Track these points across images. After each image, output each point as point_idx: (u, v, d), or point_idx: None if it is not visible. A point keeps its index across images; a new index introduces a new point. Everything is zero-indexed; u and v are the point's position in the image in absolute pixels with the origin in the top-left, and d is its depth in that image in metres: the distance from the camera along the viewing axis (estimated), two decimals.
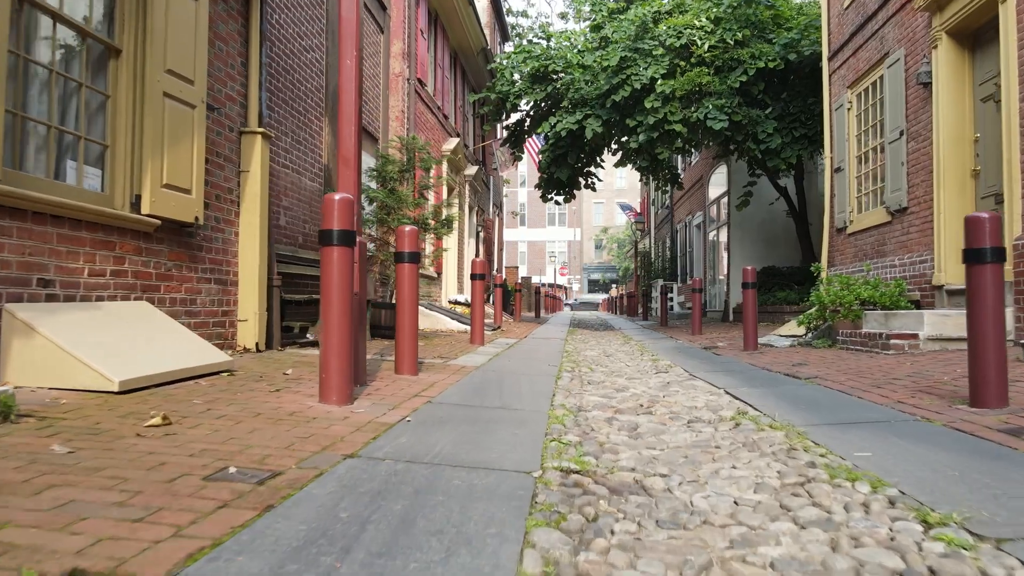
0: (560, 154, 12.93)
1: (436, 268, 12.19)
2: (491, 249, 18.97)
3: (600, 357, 7.40)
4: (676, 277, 23.80)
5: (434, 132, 12.35)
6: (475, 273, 7.70)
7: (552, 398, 4.03)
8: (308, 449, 2.33)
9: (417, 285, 4.53)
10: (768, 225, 16.11)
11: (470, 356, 6.31)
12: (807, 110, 11.61)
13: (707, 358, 7.06)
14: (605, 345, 9.57)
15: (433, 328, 10.58)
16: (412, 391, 3.82)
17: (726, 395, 4.33)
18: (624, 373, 5.74)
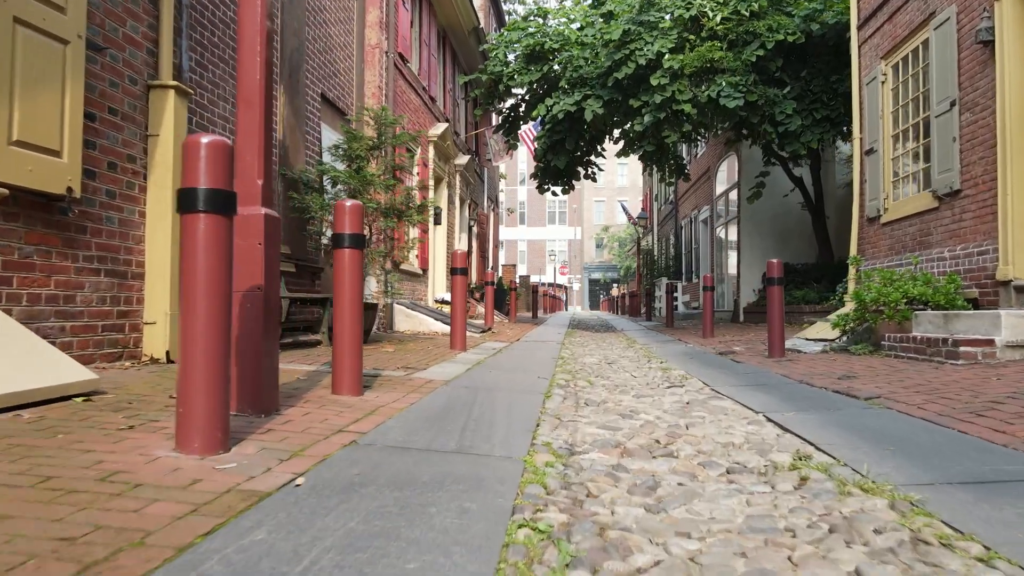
0: (557, 140, 11.84)
1: (421, 264, 11.13)
2: (485, 245, 17.89)
3: (600, 365, 6.32)
4: (681, 275, 22.72)
5: (419, 114, 11.27)
6: (456, 267, 6.63)
7: (534, 431, 2.94)
8: (52, 572, 1.25)
9: (361, 276, 3.45)
10: (781, 219, 15.02)
11: (443, 366, 5.23)
12: (829, 89, 10.53)
13: (727, 367, 5.97)
14: (606, 349, 8.49)
15: (414, 330, 9.50)
16: (338, 423, 2.74)
17: (768, 423, 3.25)
18: (630, 388, 4.65)
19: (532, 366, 5.77)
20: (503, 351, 7.19)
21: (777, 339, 6.45)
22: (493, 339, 9.05)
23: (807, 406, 3.62)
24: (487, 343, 8.17)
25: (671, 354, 7.70)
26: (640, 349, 8.60)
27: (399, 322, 9.48)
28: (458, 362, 5.59)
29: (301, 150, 6.78)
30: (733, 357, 6.90)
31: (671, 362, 6.67)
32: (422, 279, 11.43)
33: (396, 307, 9.54)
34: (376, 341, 7.21)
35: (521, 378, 4.81)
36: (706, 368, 5.92)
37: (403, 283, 10.19)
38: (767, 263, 6.57)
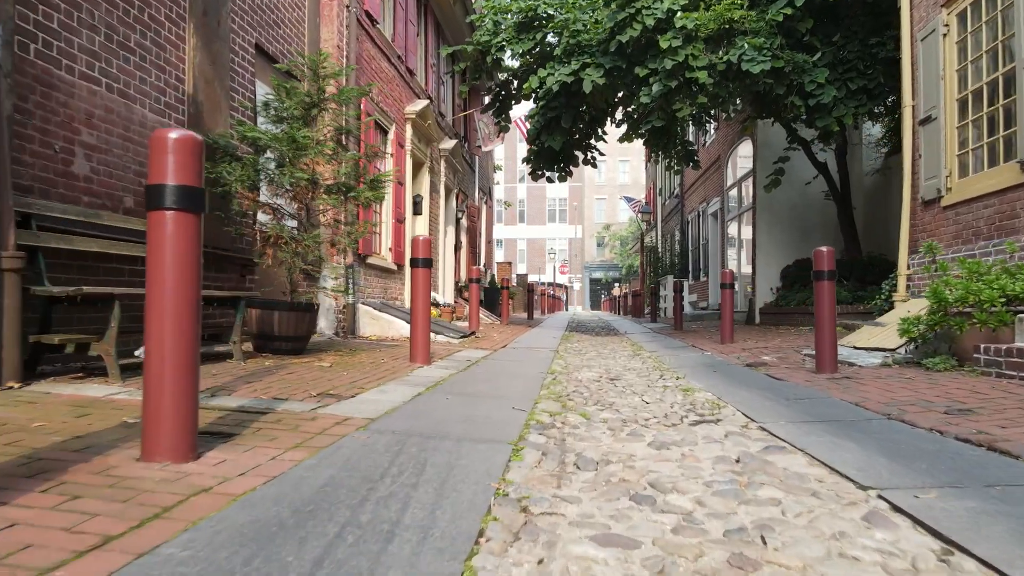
0: (552, 118, 10.40)
1: (395, 258, 9.70)
2: (476, 240, 16.45)
3: (601, 384, 4.88)
4: (687, 273, 21.29)
5: (393, 86, 9.83)
6: (416, 258, 5.19)
7: (467, 561, 1.50)
8: None
9: (195, 265, 2.02)
10: (802, 210, 13.58)
11: (386, 389, 3.80)
12: (867, 55, 9.08)
13: (767, 386, 4.53)
14: (608, 359, 7.06)
15: (382, 335, 8.07)
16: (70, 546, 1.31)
17: (896, 514, 1.81)
18: (643, 425, 3.22)
19: (510, 387, 4.33)
20: (480, 363, 5.76)
21: (829, 349, 5.01)
22: (474, 346, 7.62)
23: (934, 470, 2.18)
24: (464, 352, 6.73)
25: (687, 365, 6.27)
26: (649, 358, 7.17)
27: (364, 325, 8.06)
28: (409, 382, 4.16)
29: (223, 110, 5.36)
30: (767, 371, 5.47)
31: (691, 378, 5.23)
32: (397, 276, 10.00)
33: (362, 308, 8.11)
34: (317, 351, 5.77)
35: (487, 410, 3.37)
36: (739, 388, 4.49)
37: (372, 280, 8.77)
38: (815, 252, 5.14)
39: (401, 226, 9.99)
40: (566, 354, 7.54)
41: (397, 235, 9.84)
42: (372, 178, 5.34)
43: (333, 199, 5.02)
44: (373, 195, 5.22)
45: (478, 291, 9.64)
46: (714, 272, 17.91)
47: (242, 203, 4.87)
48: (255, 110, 5.43)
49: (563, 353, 7.65)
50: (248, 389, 3.53)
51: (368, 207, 5.38)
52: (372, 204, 5.28)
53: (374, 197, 5.23)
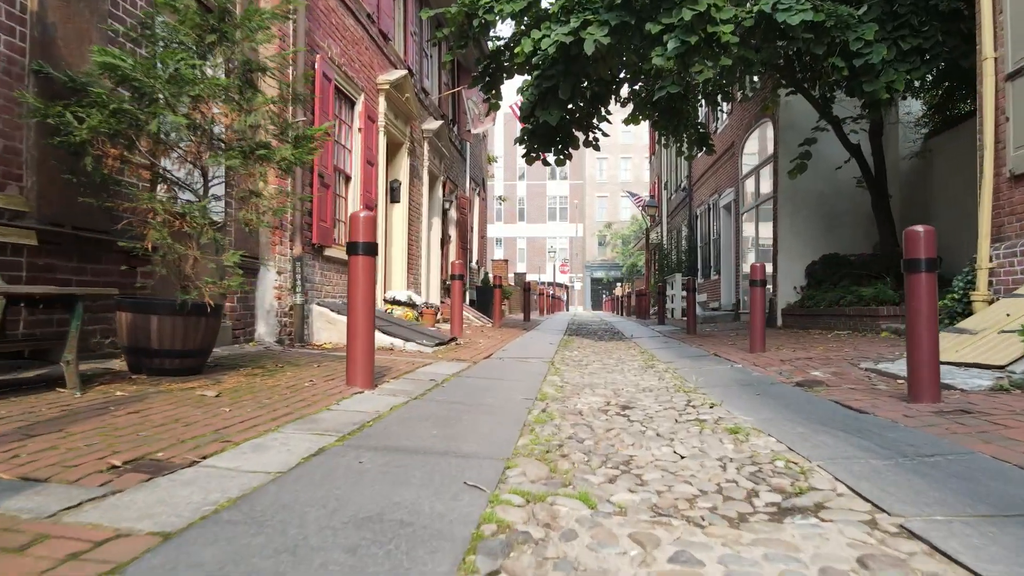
0: (548, 88, 8.96)
1: None
2: (466, 234, 14.99)
3: (609, 417, 3.45)
4: (696, 271, 19.85)
5: (361, 49, 8.38)
6: (356, 242, 3.76)
7: None
8: None
9: None
10: (830, 199, 12.14)
11: (266, 443, 2.37)
12: (922, 8, 7.64)
13: (856, 428, 3.09)
14: (615, 373, 5.62)
15: (340, 342, 6.64)
16: None
17: None
18: (687, 514, 1.77)
19: (474, 431, 2.89)
20: (447, 384, 4.32)
21: (929, 369, 3.57)
22: (451, 356, 6.19)
23: None
24: (433, 366, 5.29)
25: (718, 384, 4.84)
26: (666, 372, 5.73)
27: (319, 331, 6.63)
28: (320, 426, 2.72)
29: (93, 39, 3.92)
30: (831, 395, 4.05)
31: (732, 406, 3.80)
32: None
33: (316, 310, 6.68)
34: (228, 368, 4.34)
35: (415, 496, 1.93)
36: (811, 428, 3.06)
37: (332, 276, 7.34)
38: (907, 234, 3.72)
39: (370, 211, 8.54)
40: (563, 367, 6.10)
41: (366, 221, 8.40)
42: (296, 133, 3.89)
43: (233, 158, 3.56)
44: (295, 156, 3.76)
45: (461, 290, 8.20)
46: (727, 269, 16.47)
47: (104, 162, 3.44)
48: (140, 38, 3.96)
49: (559, 366, 6.21)
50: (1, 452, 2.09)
51: (293, 172, 3.93)
52: (296, 167, 3.84)
53: (296, 159, 3.78)
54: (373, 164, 8.61)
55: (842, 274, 11.16)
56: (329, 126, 5.97)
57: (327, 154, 7.08)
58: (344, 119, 8.06)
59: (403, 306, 8.38)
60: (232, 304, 5.54)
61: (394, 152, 10.15)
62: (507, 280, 21.33)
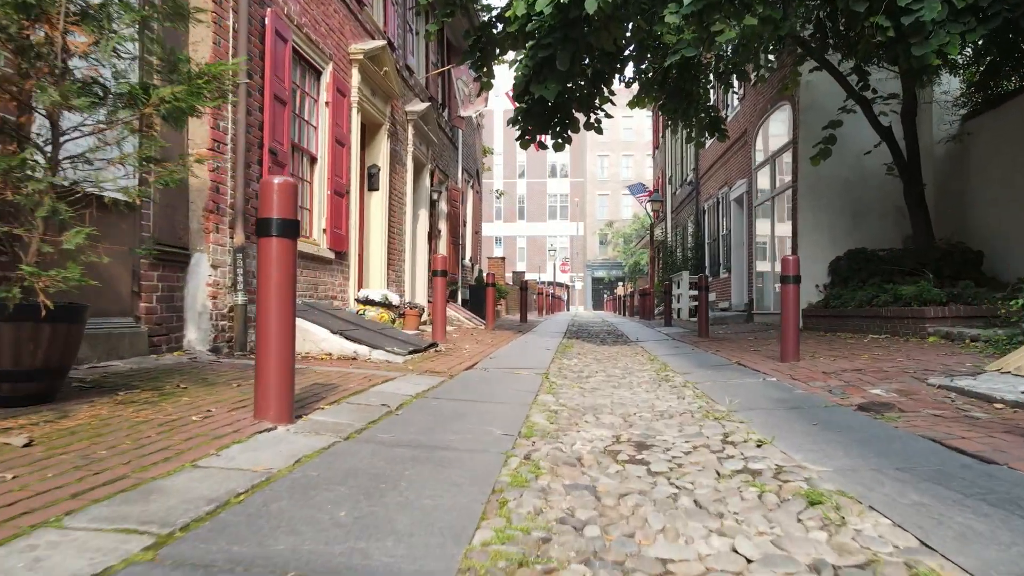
0: (544, 58, 7.89)
1: (333, 242, 7.15)
2: (457, 228, 13.89)
3: (621, 468, 2.38)
4: (703, 270, 18.76)
5: (328, 11, 7.27)
6: (268, 218, 2.68)
7: None
8: None
9: None
10: (855, 189, 11.07)
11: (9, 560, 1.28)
12: None
13: (1004, 496, 2.00)
14: (622, 389, 4.54)
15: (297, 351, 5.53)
16: None
17: None
18: None
19: (409, 511, 1.81)
20: (398, 412, 3.25)
21: None
22: (424, 368, 5.12)
23: None
24: (395, 383, 4.22)
25: (757, 406, 3.78)
26: (686, 388, 4.65)
27: None
28: (128, 516, 1.65)
29: None
30: (912, 425, 3.03)
31: (793, 448, 2.75)
32: (335, 267, 7.47)
33: None
34: (108, 390, 3.27)
35: None
36: (934, 495, 2.00)
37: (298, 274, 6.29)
38: None
39: (342, 201, 7.47)
40: (560, 381, 5.02)
41: (336, 213, 7.32)
42: (189, 71, 2.81)
43: (79, 96, 2.48)
44: (178, 97, 2.67)
45: (444, 288, 7.12)
46: (738, 267, 15.39)
47: None
48: None
49: (556, 379, 5.13)
50: None
51: (182, 123, 2.86)
52: (184, 119, 2.78)
53: (182, 102, 2.69)
54: (344, 144, 7.53)
55: (870, 271, 10.09)
56: (242, 61, 4.87)
57: (281, 127, 6.00)
58: (308, 91, 6.99)
59: (377, 307, 7.31)
60: (149, 305, 4.47)
61: (372, 134, 9.07)
62: (503, 279, 20.24)
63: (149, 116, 2.70)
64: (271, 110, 5.74)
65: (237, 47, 5.18)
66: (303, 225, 6.91)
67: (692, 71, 10.88)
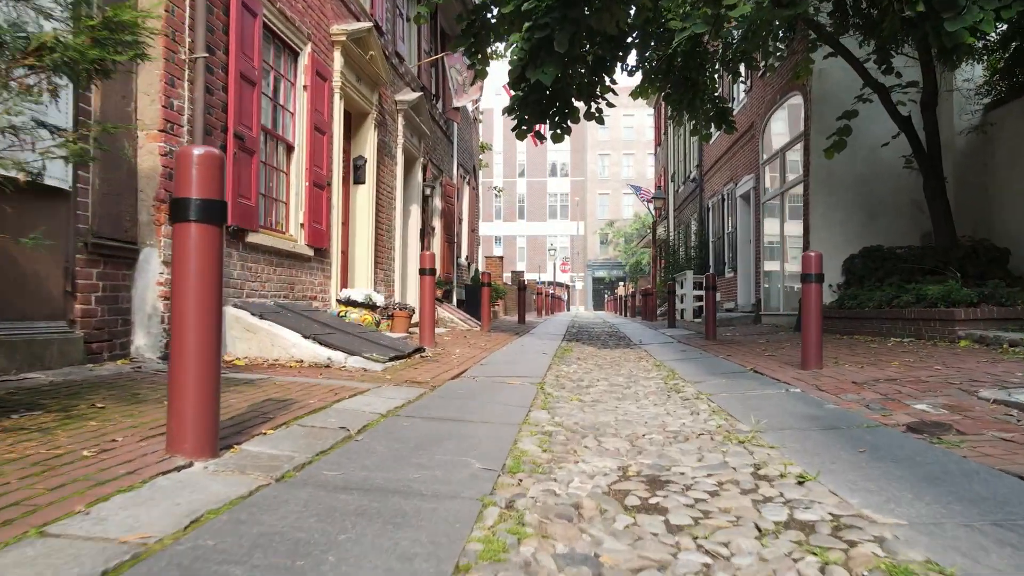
0: (542, 39, 7.32)
1: (311, 238, 6.57)
2: (452, 226, 13.31)
3: (631, 515, 1.79)
4: (707, 269, 18.19)
5: None
6: (185, 198, 2.12)
7: None
8: None
9: None
10: (869, 183, 10.50)
11: None
12: None
13: None
14: (627, 401, 3.98)
15: (260, 357, 5.00)
16: None
17: None
18: None
19: None
20: (358, 438, 2.69)
21: None
22: (404, 377, 4.56)
23: None
24: (362, 397, 3.66)
25: (791, 427, 3.23)
26: (699, 402, 4.09)
27: (234, 341, 4.99)
28: None
29: None
30: (981, 453, 2.46)
31: (846, 488, 2.18)
32: (315, 265, 6.90)
33: (232, 314, 5.04)
34: (10, 408, 2.71)
35: None
36: None
37: (261, 268, 5.71)
38: None
39: (323, 193, 6.90)
40: (557, 392, 4.45)
41: (315, 206, 6.75)
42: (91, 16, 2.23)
43: None
44: (76, 50, 2.09)
45: (433, 288, 6.55)
46: (744, 266, 14.82)
47: None
48: None
49: (552, 390, 4.56)
50: None
51: (82, 82, 2.30)
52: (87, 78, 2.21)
53: (75, 55, 2.12)
54: (325, 133, 6.96)
55: (887, 270, 9.52)
56: (164, 3, 4.28)
57: (250, 109, 5.43)
58: (284, 73, 6.42)
59: (360, 308, 6.75)
60: (86, 306, 3.90)
61: (358, 124, 8.51)
62: (501, 279, 19.67)
63: (38, 71, 2.13)
64: (237, 90, 5.17)
65: (195, 18, 4.61)
66: (274, 215, 6.34)
67: (698, 59, 10.34)
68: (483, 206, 59.24)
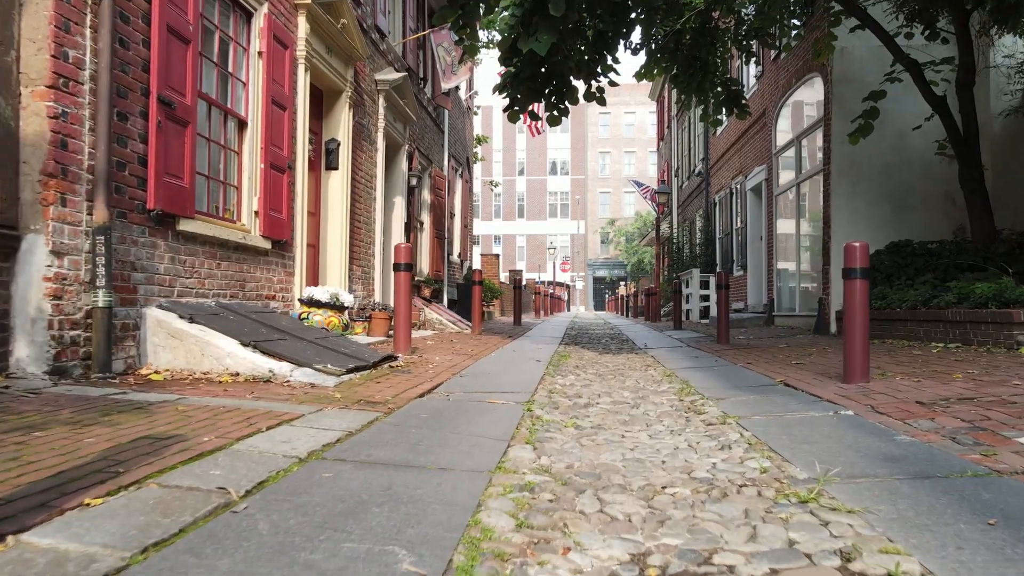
0: (536, 4, 6.40)
1: (267, 228, 5.63)
2: (442, 221, 12.39)
3: None
4: (713, 268, 17.29)
5: None
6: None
7: None
8: None
9: None
10: (897, 172, 9.60)
11: None
12: None
13: None
14: (637, 426, 3.09)
15: (187, 370, 4.10)
16: None
17: None
18: None
19: None
20: (217, 522, 1.77)
21: None
22: (357, 395, 3.67)
23: None
24: (290, 428, 2.77)
25: (864, 474, 2.34)
26: (730, 429, 3.21)
27: (156, 350, 4.10)
28: None
29: None
30: None
31: None
32: (273, 259, 5.98)
33: (154, 317, 4.14)
34: None
35: None
36: None
37: (199, 262, 4.80)
38: None
39: (283, 178, 6.00)
40: (548, 416, 3.54)
41: (274, 192, 5.86)
42: None
43: None
44: None
45: (407, 286, 5.65)
46: (755, 263, 13.92)
47: None
48: None
49: (542, 412, 3.66)
50: None
51: None
52: None
53: None
54: (286, 108, 6.06)
55: (918, 267, 8.63)
56: None
57: (183, 71, 4.53)
58: (233, 36, 5.51)
59: (325, 309, 5.85)
60: None
61: (331, 102, 7.60)
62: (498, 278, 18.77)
63: None
64: (163, 46, 4.27)
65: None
66: (227, 205, 5.43)
67: (708, 36, 9.46)
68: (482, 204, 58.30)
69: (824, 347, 7.28)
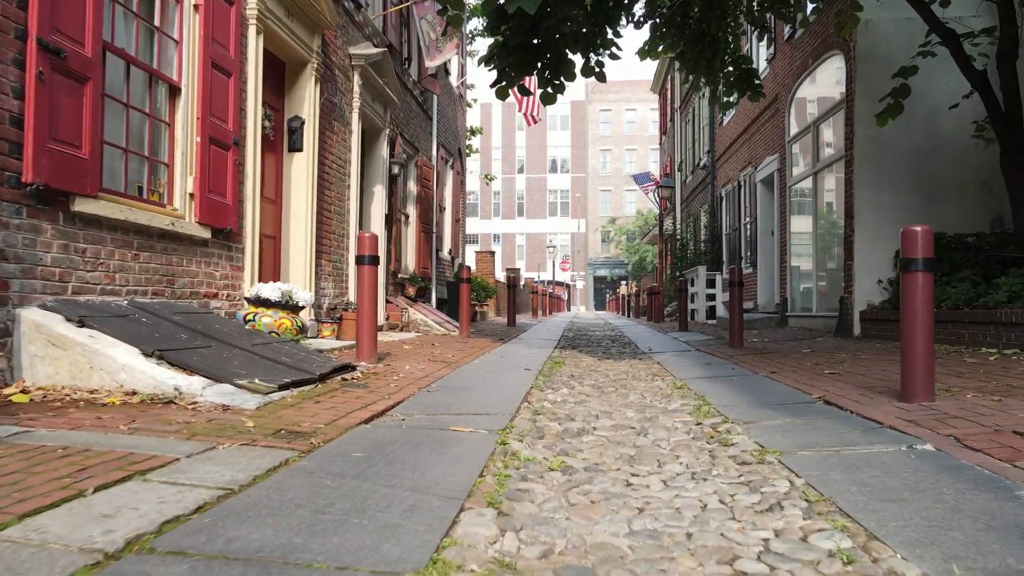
0: None
1: (205, 214, 4.73)
2: (429, 214, 11.48)
3: None
4: (719, 265, 16.42)
5: None
6: None
7: None
8: None
9: None
10: (927, 158, 8.72)
11: None
12: None
13: None
14: (647, 466, 2.22)
15: (70, 385, 3.20)
16: None
17: None
18: None
19: None
20: None
21: None
22: (288, 419, 2.80)
23: None
24: (143, 483, 1.90)
25: (1000, 572, 1.41)
26: (782, 482, 2.32)
27: (33, 362, 3.24)
28: None
29: None
30: None
31: None
32: (213, 250, 5.07)
33: (31, 320, 3.28)
34: None
35: None
36: None
37: (99, 252, 3.91)
38: None
39: (227, 155, 5.12)
40: (526, 452, 2.66)
41: (215, 170, 4.98)
42: None
43: None
44: None
45: (372, 282, 4.78)
46: (766, 260, 13.03)
47: None
48: None
49: (520, 448, 2.78)
50: None
51: None
52: None
53: None
54: (231, 74, 5.18)
55: (955, 262, 7.77)
56: None
57: (80, 14, 3.64)
58: None
59: (275, 309, 4.98)
60: None
61: (294, 75, 6.72)
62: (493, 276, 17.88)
63: None
64: None
65: None
66: (152, 185, 4.55)
67: (719, 9, 8.59)
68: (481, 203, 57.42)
69: (855, 352, 6.39)
